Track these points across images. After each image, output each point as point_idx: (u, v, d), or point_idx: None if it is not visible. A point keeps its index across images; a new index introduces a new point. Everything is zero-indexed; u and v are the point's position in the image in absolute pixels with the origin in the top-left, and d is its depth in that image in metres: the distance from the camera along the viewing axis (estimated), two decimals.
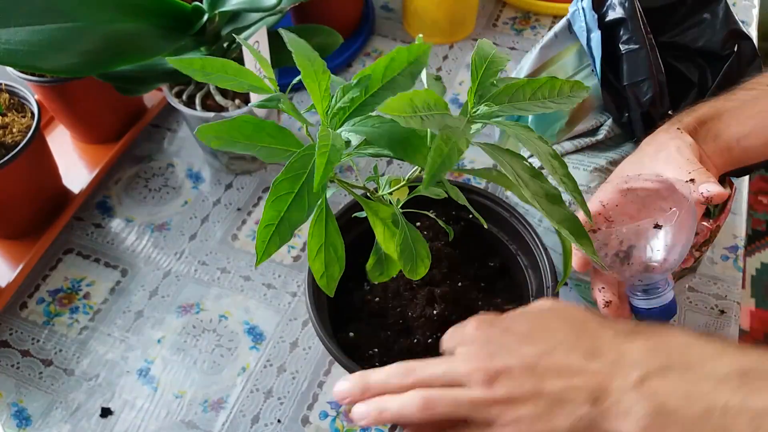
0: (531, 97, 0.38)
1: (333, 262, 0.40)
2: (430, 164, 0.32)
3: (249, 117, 0.35)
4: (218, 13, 0.63)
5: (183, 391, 0.63)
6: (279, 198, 0.33)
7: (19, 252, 0.70)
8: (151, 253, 0.73)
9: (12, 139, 0.65)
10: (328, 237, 0.39)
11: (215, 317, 0.68)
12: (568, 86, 0.38)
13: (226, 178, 0.79)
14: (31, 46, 0.54)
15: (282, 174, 0.33)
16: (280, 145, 0.36)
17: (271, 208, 0.33)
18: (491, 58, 0.37)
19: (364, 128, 0.36)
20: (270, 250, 0.34)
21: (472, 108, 0.37)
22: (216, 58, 0.38)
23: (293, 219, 0.33)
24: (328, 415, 0.61)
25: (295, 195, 0.33)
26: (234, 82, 0.38)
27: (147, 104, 0.83)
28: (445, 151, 0.33)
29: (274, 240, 0.33)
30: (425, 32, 0.95)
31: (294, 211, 0.33)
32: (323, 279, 0.40)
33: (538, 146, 0.37)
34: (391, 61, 0.36)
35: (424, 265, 0.43)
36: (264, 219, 0.33)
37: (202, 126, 0.34)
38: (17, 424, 0.61)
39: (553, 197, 0.38)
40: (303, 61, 0.35)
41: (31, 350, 0.66)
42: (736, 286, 0.69)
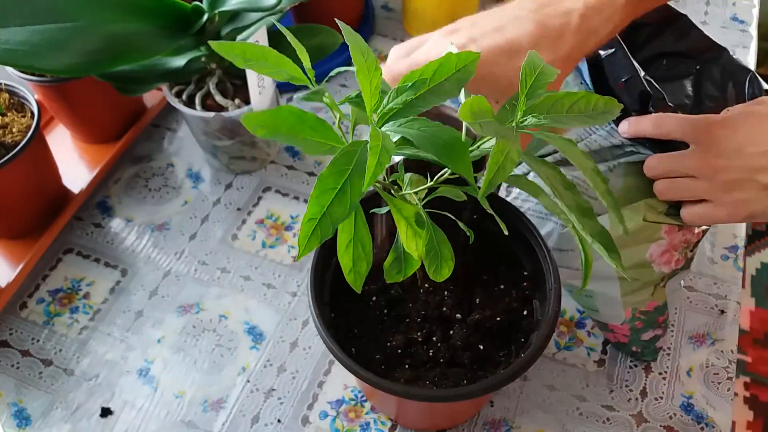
0: (569, 110, 0.38)
1: (361, 258, 0.41)
2: (488, 172, 0.33)
3: (292, 108, 0.35)
4: (218, 12, 0.63)
5: (183, 390, 0.63)
6: (323, 192, 0.34)
7: (19, 252, 0.69)
8: (151, 252, 0.73)
9: (12, 139, 0.65)
10: (357, 233, 0.40)
11: (215, 317, 0.68)
12: (602, 102, 0.39)
13: (226, 177, 0.79)
14: (31, 46, 0.54)
15: (328, 169, 0.34)
16: (321, 139, 0.36)
17: (315, 202, 0.34)
18: (541, 70, 0.38)
19: (411, 130, 0.36)
20: (311, 244, 0.34)
21: (520, 119, 0.38)
22: (256, 45, 0.38)
23: (335, 215, 0.34)
24: (328, 415, 0.61)
25: (339, 191, 0.34)
26: (273, 70, 0.38)
27: (147, 104, 0.83)
28: (501, 160, 0.33)
29: (316, 234, 0.34)
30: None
31: (337, 206, 0.34)
32: (351, 275, 0.41)
33: (581, 161, 0.38)
34: (440, 66, 0.36)
35: (448, 267, 0.43)
36: (308, 213, 0.33)
37: (248, 114, 0.34)
38: (17, 424, 0.61)
39: (586, 210, 0.39)
40: (357, 56, 0.35)
41: (31, 350, 0.66)
42: (736, 286, 0.69)
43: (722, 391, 0.62)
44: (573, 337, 0.66)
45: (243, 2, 0.61)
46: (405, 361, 0.52)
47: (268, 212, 0.76)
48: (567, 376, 0.63)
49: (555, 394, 0.62)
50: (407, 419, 0.60)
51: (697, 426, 0.60)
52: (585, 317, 0.67)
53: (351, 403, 0.62)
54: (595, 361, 0.64)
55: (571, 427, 0.60)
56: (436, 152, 0.35)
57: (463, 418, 0.60)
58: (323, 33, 0.72)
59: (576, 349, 0.65)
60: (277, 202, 0.77)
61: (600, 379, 0.63)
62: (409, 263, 0.45)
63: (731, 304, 0.68)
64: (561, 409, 0.61)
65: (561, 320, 0.67)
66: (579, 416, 0.61)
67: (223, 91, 0.72)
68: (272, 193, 0.78)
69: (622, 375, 0.63)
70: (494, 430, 0.60)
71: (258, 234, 0.74)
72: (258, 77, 0.68)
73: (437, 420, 0.60)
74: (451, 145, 0.36)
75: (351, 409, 0.61)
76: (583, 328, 0.66)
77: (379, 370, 0.51)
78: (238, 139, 0.74)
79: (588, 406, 0.61)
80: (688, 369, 0.63)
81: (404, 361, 0.52)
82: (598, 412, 0.61)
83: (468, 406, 0.59)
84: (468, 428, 0.60)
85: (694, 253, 0.60)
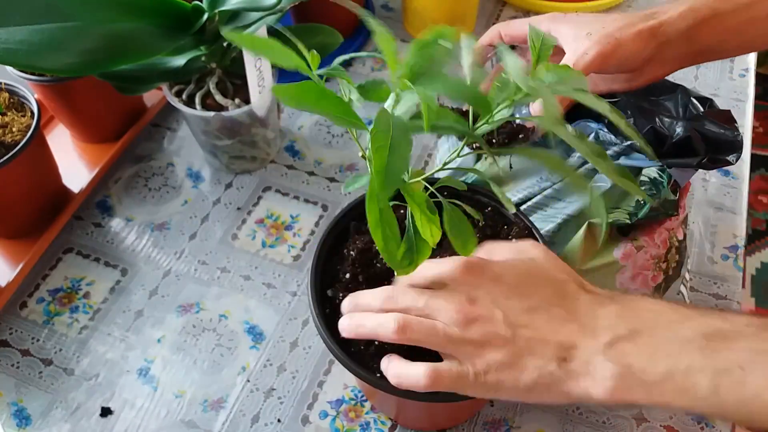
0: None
1: (390, 239, 0.41)
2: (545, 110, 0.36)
3: (313, 84, 0.37)
4: (218, 12, 0.63)
5: (183, 390, 0.63)
6: (378, 148, 0.35)
7: (19, 251, 0.69)
8: (151, 252, 0.73)
9: (12, 139, 0.65)
10: (382, 215, 0.40)
11: (215, 317, 0.68)
12: None
13: (226, 177, 0.79)
14: (30, 45, 0.54)
15: (374, 128, 0.35)
16: (342, 114, 0.38)
17: (377, 153, 0.35)
18: (543, 38, 0.41)
19: (438, 85, 0.37)
20: (390, 186, 0.35)
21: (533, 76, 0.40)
22: (263, 38, 0.40)
23: (396, 165, 0.35)
24: (328, 414, 0.61)
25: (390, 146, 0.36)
26: (278, 59, 0.39)
27: (147, 103, 0.83)
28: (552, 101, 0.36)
29: (389, 180, 0.35)
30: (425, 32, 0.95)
31: (394, 157, 0.35)
32: (386, 254, 0.42)
33: (587, 145, 0.39)
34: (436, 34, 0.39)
35: (473, 242, 0.44)
36: (375, 166, 0.35)
37: (278, 86, 0.36)
38: (17, 424, 0.61)
39: (601, 153, 0.40)
40: (376, 26, 0.38)
41: (31, 350, 0.66)
42: (736, 286, 0.69)
43: None
44: None
45: (243, 2, 0.61)
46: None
47: (268, 212, 0.76)
48: None
49: None
50: (407, 419, 0.60)
51: (697, 426, 0.60)
52: None
53: (351, 402, 0.62)
54: None
55: (570, 427, 0.60)
56: (467, 99, 0.37)
57: (463, 417, 0.60)
58: (323, 32, 0.72)
59: None
60: (277, 201, 0.77)
61: None
62: (420, 252, 0.45)
63: (731, 305, 0.67)
64: (561, 408, 0.61)
65: None
66: (579, 416, 0.61)
67: (223, 90, 0.72)
68: (272, 192, 0.78)
69: None
70: (494, 429, 0.60)
71: (258, 234, 0.74)
72: (258, 77, 0.68)
73: (437, 420, 0.60)
74: (475, 94, 0.37)
75: (351, 409, 0.61)
76: None
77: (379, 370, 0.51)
78: (238, 138, 0.74)
79: (588, 406, 0.61)
80: None
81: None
82: (598, 412, 0.61)
83: (468, 406, 0.59)
84: (468, 428, 0.60)
85: (677, 260, 0.60)
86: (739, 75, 0.90)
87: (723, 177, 0.78)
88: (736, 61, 0.92)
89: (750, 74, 0.90)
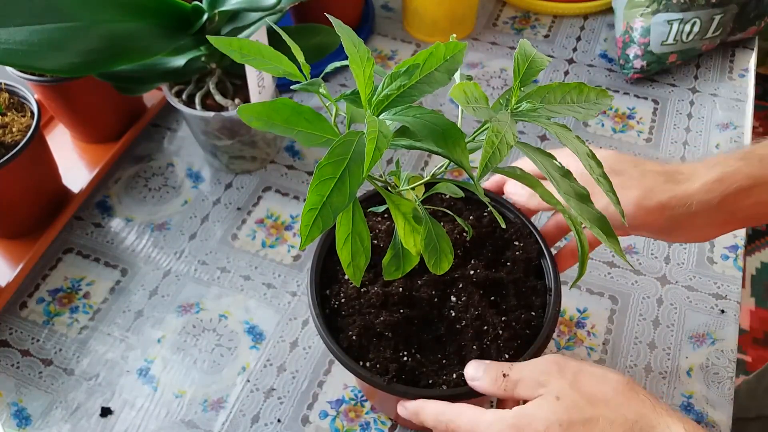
0: (561, 99, 0.39)
1: (360, 253, 0.41)
2: (483, 156, 0.33)
3: (287, 100, 0.36)
4: (218, 12, 0.63)
5: (183, 390, 0.63)
6: (322, 182, 0.34)
7: (19, 251, 0.70)
8: (150, 252, 0.73)
9: (12, 139, 0.65)
10: (355, 226, 0.40)
11: (215, 317, 0.68)
12: (594, 93, 0.40)
13: (226, 177, 0.79)
14: (30, 46, 0.54)
15: (325, 159, 0.34)
16: (317, 131, 0.37)
17: (314, 192, 0.34)
18: (532, 58, 0.39)
19: (407, 117, 0.36)
20: (313, 234, 0.34)
21: (514, 105, 0.39)
22: (253, 41, 0.39)
23: (335, 203, 0.34)
24: (328, 414, 0.61)
25: (338, 180, 0.34)
26: (269, 66, 0.38)
27: (147, 104, 0.83)
28: (496, 143, 0.34)
29: (317, 224, 0.34)
30: (425, 32, 0.95)
31: (336, 195, 0.34)
32: (350, 269, 0.41)
33: (577, 146, 0.38)
34: (430, 55, 0.36)
35: (447, 260, 0.44)
36: (308, 203, 0.34)
37: (244, 105, 0.34)
38: (17, 424, 0.61)
39: (583, 196, 0.39)
40: (350, 47, 0.36)
41: (31, 350, 0.66)
42: (736, 286, 0.69)
43: (722, 391, 0.62)
44: (573, 337, 0.66)
45: (243, 2, 0.61)
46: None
47: (268, 212, 0.76)
48: None
49: None
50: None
51: None
52: (585, 317, 0.67)
53: (351, 402, 0.62)
54: (595, 361, 0.64)
55: None
56: (434, 139, 0.36)
57: None
58: (323, 33, 0.72)
59: (576, 349, 0.65)
60: (277, 201, 0.77)
61: None
62: (407, 260, 0.45)
63: (731, 304, 0.68)
64: None
65: (561, 320, 0.67)
66: None
67: (222, 90, 0.72)
68: (272, 192, 0.78)
69: None
70: None
71: (258, 234, 0.74)
72: (258, 77, 0.68)
73: None
74: (448, 132, 0.36)
75: (351, 409, 0.61)
76: (583, 328, 0.66)
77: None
78: (238, 138, 0.74)
79: None
80: (688, 369, 0.63)
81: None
82: None
83: None
84: None
85: None
86: (739, 75, 0.90)
87: None
88: (736, 61, 0.92)
89: (750, 74, 0.90)
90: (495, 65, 0.93)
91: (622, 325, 0.66)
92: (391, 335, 0.51)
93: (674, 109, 0.86)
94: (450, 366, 0.50)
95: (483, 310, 0.51)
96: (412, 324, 0.52)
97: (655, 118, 0.85)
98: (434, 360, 0.51)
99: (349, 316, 0.52)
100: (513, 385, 0.43)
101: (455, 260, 0.54)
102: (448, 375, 0.49)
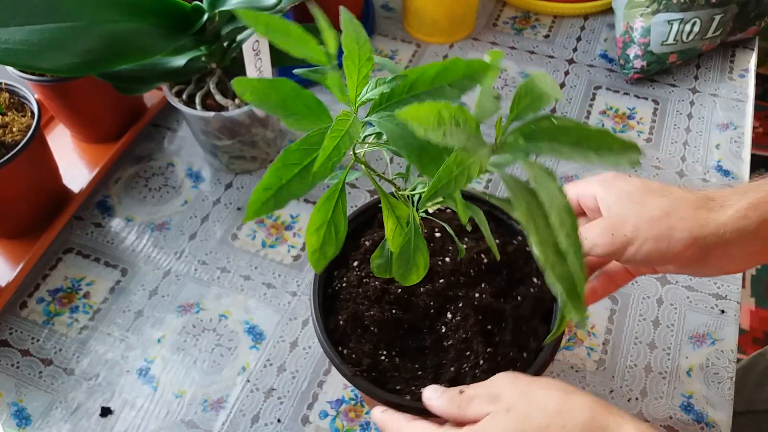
0: (575, 143, 0.34)
1: (330, 242, 0.39)
2: (434, 182, 0.31)
3: (292, 82, 0.34)
4: (218, 12, 0.63)
5: (183, 390, 0.63)
6: (286, 166, 0.33)
7: (19, 251, 0.70)
8: (150, 252, 0.73)
9: (12, 139, 0.65)
10: (334, 216, 0.39)
11: (215, 317, 0.68)
12: (618, 144, 0.34)
13: (226, 177, 0.79)
14: (31, 45, 0.54)
15: (296, 144, 0.33)
16: (312, 119, 0.35)
17: (274, 173, 0.33)
18: (537, 95, 0.34)
19: (387, 124, 0.35)
20: (261, 211, 0.33)
21: (498, 138, 0.35)
22: (281, 19, 0.36)
23: (293, 189, 0.33)
24: (328, 414, 0.61)
25: (302, 168, 0.33)
26: (293, 46, 0.35)
27: (147, 103, 0.83)
28: (455, 173, 0.31)
29: (268, 204, 0.33)
30: (425, 32, 0.95)
31: (296, 183, 0.33)
32: (315, 255, 0.39)
33: (552, 195, 0.33)
34: (444, 69, 0.34)
35: (417, 275, 0.43)
36: (264, 182, 0.32)
37: (240, 78, 0.32)
38: (17, 424, 0.61)
39: (560, 250, 0.35)
40: (350, 43, 0.34)
41: (30, 350, 0.66)
42: (736, 286, 0.69)
43: (722, 391, 0.62)
44: (573, 337, 0.66)
45: (243, 2, 0.61)
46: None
47: None
48: (567, 376, 0.63)
49: None
50: None
51: (697, 426, 0.60)
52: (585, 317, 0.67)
53: (351, 402, 0.62)
54: (595, 361, 0.64)
55: None
56: (408, 152, 0.34)
57: None
58: None
59: (576, 349, 0.65)
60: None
61: (600, 379, 0.63)
62: (397, 263, 0.44)
63: (731, 304, 0.68)
64: None
65: None
66: None
67: (223, 90, 0.72)
68: None
69: (622, 375, 0.63)
70: None
71: (258, 234, 0.74)
72: (258, 77, 0.68)
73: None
74: (424, 147, 0.34)
75: (351, 409, 0.61)
76: (582, 328, 0.66)
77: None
78: (238, 138, 0.74)
79: None
80: (688, 369, 0.63)
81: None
82: None
83: None
84: None
85: None
86: (739, 75, 0.90)
87: (723, 177, 0.78)
88: (736, 61, 0.92)
89: (750, 74, 0.90)
90: None
91: (622, 325, 0.66)
92: (376, 331, 0.51)
93: (674, 109, 0.86)
94: (423, 379, 0.49)
95: (472, 336, 0.50)
96: (401, 327, 0.52)
97: (655, 118, 0.85)
98: (410, 368, 0.50)
99: (345, 301, 0.52)
100: (467, 402, 0.43)
101: (463, 279, 0.53)
102: (418, 387, 0.48)
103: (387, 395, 0.47)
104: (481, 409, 0.42)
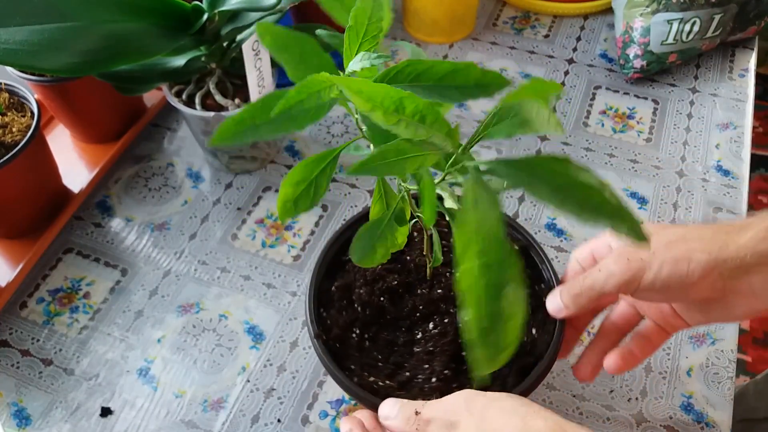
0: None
1: (306, 198, 0.38)
2: (369, 157, 0.31)
3: (312, 38, 0.34)
4: (218, 12, 0.63)
5: (183, 390, 0.63)
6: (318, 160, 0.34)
7: (19, 251, 0.70)
8: (150, 252, 0.73)
9: (12, 139, 0.65)
10: (319, 176, 0.38)
11: (215, 317, 0.68)
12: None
13: (226, 177, 0.79)
14: (31, 46, 0.54)
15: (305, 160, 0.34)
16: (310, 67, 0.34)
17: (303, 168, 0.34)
18: (521, 120, 0.31)
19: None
20: (300, 209, 0.34)
21: (457, 153, 0.33)
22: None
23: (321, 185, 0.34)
24: (328, 414, 0.61)
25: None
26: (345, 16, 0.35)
27: (147, 104, 0.83)
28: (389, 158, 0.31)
29: (307, 195, 0.34)
30: (425, 32, 0.95)
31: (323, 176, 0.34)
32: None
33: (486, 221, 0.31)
34: (456, 71, 0.32)
35: (372, 261, 0.44)
36: (294, 175, 0.33)
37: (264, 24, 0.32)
38: (17, 424, 0.61)
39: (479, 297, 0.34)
40: (361, 16, 0.33)
41: (30, 350, 0.66)
42: None
43: (722, 391, 0.62)
44: None
45: (243, 2, 0.61)
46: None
47: (268, 212, 0.76)
48: (567, 375, 0.63)
49: (555, 394, 0.62)
50: None
51: (697, 426, 0.60)
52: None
53: (351, 402, 0.62)
54: None
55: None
56: (371, 132, 0.33)
57: None
58: None
59: (576, 349, 0.65)
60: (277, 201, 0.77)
61: (600, 379, 0.63)
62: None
63: None
64: (561, 409, 0.61)
65: None
66: (579, 416, 0.61)
67: (223, 90, 0.72)
68: (272, 192, 0.78)
69: (621, 375, 0.63)
70: None
71: (258, 234, 0.74)
72: (258, 77, 0.68)
73: None
74: (388, 138, 0.32)
75: (351, 409, 0.61)
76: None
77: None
78: None
79: (588, 405, 0.61)
80: (688, 369, 0.63)
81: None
82: (598, 411, 0.61)
83: None
84: None
85: None
86: (739, 75, 0.90)
87: (723, 177, 0.78)
88: (736, 61, 0.92)
89: (750, 74, 0.90)
90: (495, 65, 0.93)
91: None
92: (359, 309, 0.52)
93: (674, 109, 0.86)
94: (379, 371, 0.49)
95: (439, 353, 0.50)
96: (382, 316, 0.53)
97: (655, 118, 0.85)
98: (373, 356, 0.51)
99: (348, 272, 0.53)
100: (425, 425, 0.42)
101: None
102: (370, 376, 0.48)
103: (336, 369, 0.47)
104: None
